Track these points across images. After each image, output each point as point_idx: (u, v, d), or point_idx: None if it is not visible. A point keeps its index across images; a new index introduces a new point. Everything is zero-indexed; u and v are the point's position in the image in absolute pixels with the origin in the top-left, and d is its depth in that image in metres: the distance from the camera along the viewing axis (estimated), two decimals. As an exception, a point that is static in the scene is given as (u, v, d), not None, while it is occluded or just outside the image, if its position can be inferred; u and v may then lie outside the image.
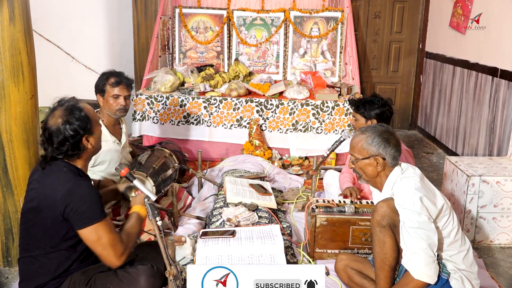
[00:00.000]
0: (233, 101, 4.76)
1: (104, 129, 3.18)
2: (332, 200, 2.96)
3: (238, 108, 4.76)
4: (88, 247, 2.15)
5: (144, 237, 3.05)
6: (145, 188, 2.34)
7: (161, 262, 2.41)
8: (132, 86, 3.29)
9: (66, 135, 2.14)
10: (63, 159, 2.19)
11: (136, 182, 2.36)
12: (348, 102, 4.64)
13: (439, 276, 2.12)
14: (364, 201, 2.99)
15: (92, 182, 3.03)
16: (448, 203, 2.24)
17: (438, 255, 2.16)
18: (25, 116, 2.77)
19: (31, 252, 2.19)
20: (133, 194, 2.56)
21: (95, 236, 2.10)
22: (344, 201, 2.97)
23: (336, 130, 4.75)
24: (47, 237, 2.14)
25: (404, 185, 2.19)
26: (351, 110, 3.36)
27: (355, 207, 2.86)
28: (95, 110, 3.24)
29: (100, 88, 3.21)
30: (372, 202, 2.90)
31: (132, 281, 2.24)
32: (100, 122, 3.16)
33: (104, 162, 3.14)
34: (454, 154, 5.13)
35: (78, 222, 2.09)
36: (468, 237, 3.19)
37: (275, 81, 5.31)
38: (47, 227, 2.12)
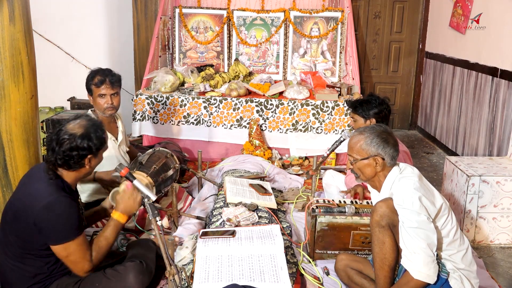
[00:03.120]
0: (233, 101, 4.76)
1: None
2: (333, 200, 2.96)
3: (238, 108, 4.76)
4: None
5: (144, 237, 3.05)
6: (145, 188, 2.34)
7: (150, 258, 2.42)
8: (119, 82, 3.25)
9: (79, 145, 2.14)
10: (57, 168, 2.18)
11: (136, 182, 2.35)
12: (345, 103, 4.65)
13: (438, 276, 2.12)
14: (364, 201, 2.99)
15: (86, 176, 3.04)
16: (447, 203, 2.24)
17: (437, 255, 2.16)
18: (25, 116, 2.77)
19: (9, 256, 2.18)
20: (120, 190, 2.46)
21: (65, 253, 2.12)
22: (344, 201, 2.98)
23: (336, 130, 4.75)
24: (23, 244, 2.14)
25: (403, 185, 2.19)
26: (350, 112, 3.37)
27: (355, 207, 2.86)
28: (91, 110, 3.25)
29: (87, 88, 3.22)
30: (372, 202, 2.90)
31: (121, 279, 2.25)
32: None
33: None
34: (454, 154, 5.13)
35: (50, 238, 2.10)
36: (468, 237, 3.21)
37: (275, 81, 5.31)
38: (24, 234, 2.12)
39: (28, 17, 2.76)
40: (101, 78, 3.17)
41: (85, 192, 3.17)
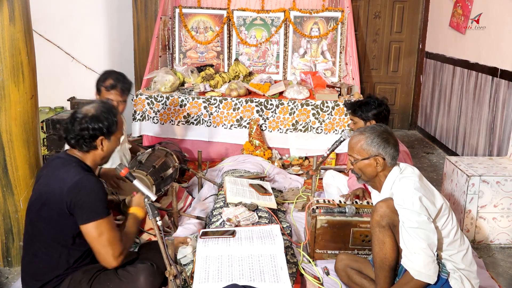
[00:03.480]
0: (233, 101, 4.76)
1: None
2: (333, 200, 2.96)
3: (238, 108, 4.76)
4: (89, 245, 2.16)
5: (145, 237, 3.05)
6: (145, 188, 2.34)
7: (161, 260, 2.42)
8: (129, 90, 3.22)
9: (89, 126, 2.19)
10: (74, 150, 2.24)
11: (136, 182, 2.36)
12: (344, 105, 4.64)
13: (438, 276, 2.12)
14: (364, 202, 2.99)
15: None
16: (447, 203, 2.24)
17: (437, 255, 2.16)
18: (25, 116, 2.77)
19: (34, 247, 2.19)
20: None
21: (97, 233, 2.10)
22: (344, 202, 2.97)
23: (336, 130, 4.75)
24: (51, 232, 2.15)
25: (403, 185, 2.19)
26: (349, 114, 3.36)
27: (356, 208, 2.85)
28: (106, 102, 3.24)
29: (97, 87, 3.19)
30: (372, 203, 2.90)
31: (132, 280, 2.25)
32: None
33: None
34: (454, 154, 5.13)
35: (81, 217, 2.10)
36: (468, 237, 3.21)
37: (275, 81, 5.31)
38: (53, 221, 2.13)
39: (28, 17, 2.76)
40: (113, 83, 3.13)
41: None
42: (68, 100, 5.97)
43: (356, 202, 2.99)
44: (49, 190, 2.13)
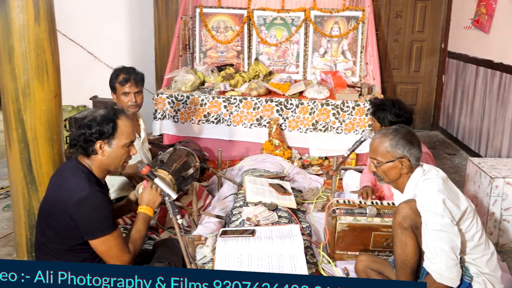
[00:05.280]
0: (253, 100, 4.77)
1: None
2: (353, 201, 2.93)
3: (258, 107, 4.76)
4: None
5: (164, 235, 3.08)
6: (166, 187, 2.36)
7: (177, 260, 2.43)
8: (142, 81, 3.31)
9: (86, 131, 2.22)
10: (82, 157, 2.24)
11: (157, 181, 2.37)
12: (368, 102, 4.60)
13: (461, 279, 2.09)
14: (385, 202, 2.96)
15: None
16: (472, 206, 2.21)
17: (461, 258, 2.13)
18: (49, 114, 2.81)
19: (45, 253, 2.22)
20: (140, 190, 2.50)
21: (104, 248, 2.13)
22: (365, 202, 2.95)
23: (356, 130, 4.71)
24: (59, 240, 2.17)
25: (426, 186, 2.16)
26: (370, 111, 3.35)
27: (377, 209, 2.82)
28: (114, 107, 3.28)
29: (111, 86, 3.28)
30: (393, 203, 2.86)
31: None
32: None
33: None
34: (477, 155, 5.05)
35: (88, 233, 2.12)
36: (491, 240, 3.14)
37: (295, 81, 5.30)
38: (60, 230, 2.15)
39: (52, 17, 2.81)
40: (125, 76, 3.23)
41: (110, 188, 3.20)
42: (90, 99, 6.05)
43: (376, 202, 2.96)
44: (56, 199, 2.15)
